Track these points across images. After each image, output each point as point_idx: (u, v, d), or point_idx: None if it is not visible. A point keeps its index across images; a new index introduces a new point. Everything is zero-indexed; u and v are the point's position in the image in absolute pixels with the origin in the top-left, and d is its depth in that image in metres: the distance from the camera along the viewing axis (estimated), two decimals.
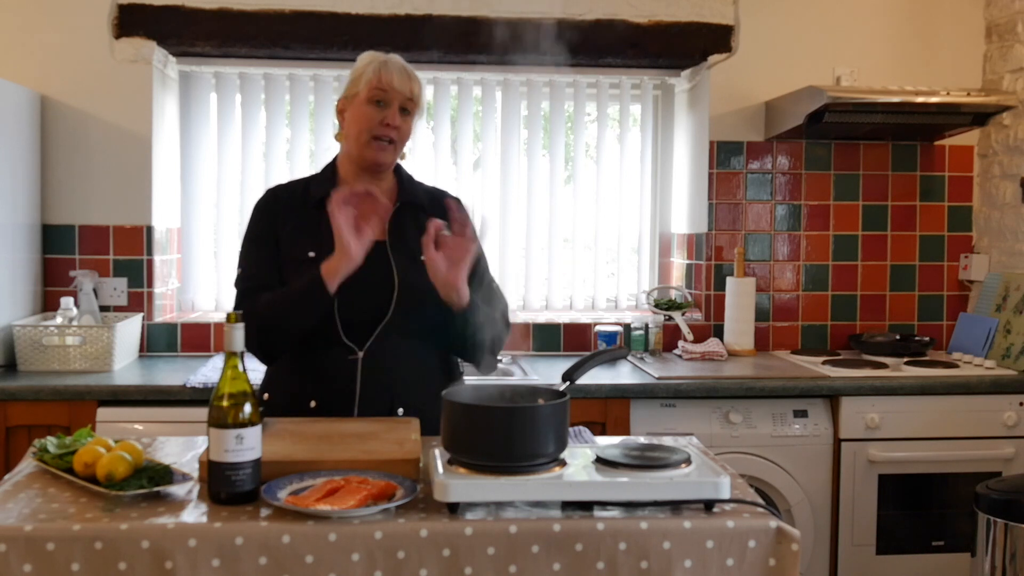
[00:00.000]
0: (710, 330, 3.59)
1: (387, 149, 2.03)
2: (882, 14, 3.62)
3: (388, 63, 2.04)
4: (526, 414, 1.55)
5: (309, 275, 1.91)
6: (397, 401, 2.00)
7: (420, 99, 2.07)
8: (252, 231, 2.11)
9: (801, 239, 3.65)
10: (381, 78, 2.01)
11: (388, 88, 2.01)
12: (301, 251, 2.01)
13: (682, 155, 3.83)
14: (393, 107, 2.02)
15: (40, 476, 1.66)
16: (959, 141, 3.67)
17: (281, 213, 2.08)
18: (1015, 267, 3.45)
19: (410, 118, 2.06)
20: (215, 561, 1.39)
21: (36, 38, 3.31)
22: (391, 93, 2.01)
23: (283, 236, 2.05)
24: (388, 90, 2.01)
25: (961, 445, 3.04)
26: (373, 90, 2.01)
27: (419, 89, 2.06)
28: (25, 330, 3.01)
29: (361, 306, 1.98)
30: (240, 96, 3.64)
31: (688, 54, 3.56)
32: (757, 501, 1.56)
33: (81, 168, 3.34)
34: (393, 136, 2.02)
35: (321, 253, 1.97)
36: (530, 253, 3.80)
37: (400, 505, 1.48)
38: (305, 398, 2.01)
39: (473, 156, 3.82)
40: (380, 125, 2.01)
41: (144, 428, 2.76)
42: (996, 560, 2.56)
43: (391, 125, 2.01)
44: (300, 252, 2.01)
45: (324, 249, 1.97)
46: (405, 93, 2.02)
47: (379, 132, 2.01)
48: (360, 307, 1.97)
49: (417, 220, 2.07)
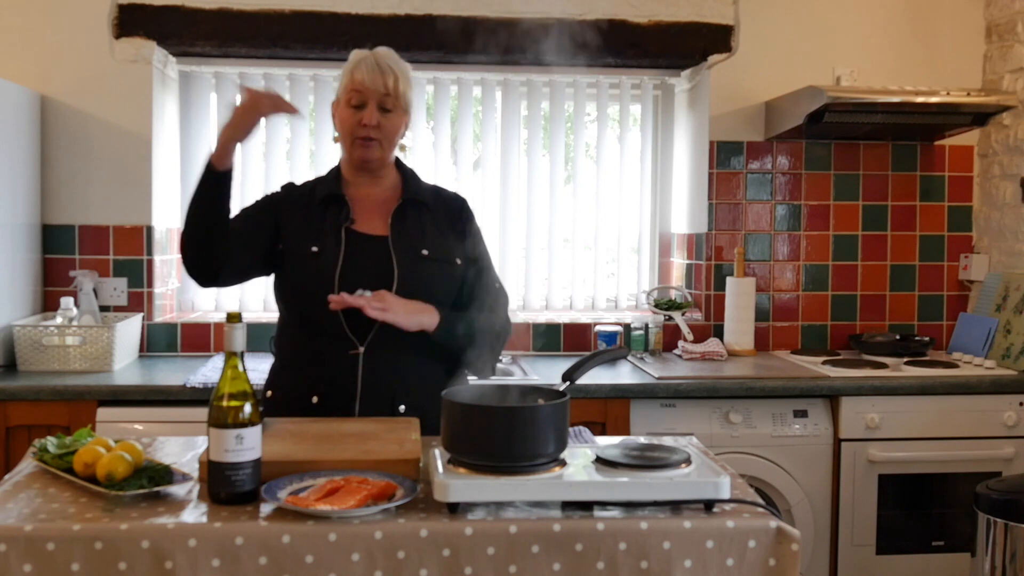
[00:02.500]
0: (710, 330, 3.59)
1: (371, 147, 2.06)
2: (882, 14, 3.62)
3: (362, 63, 2.06)
4: (526, 414, 1.55)
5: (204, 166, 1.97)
6: (398, 398, 2.01)
7: (401, 92, 2.07)
8: (248, 208, 2.14)
9: (801, 239, 3.65)
10: (354, 79, 2.05)
11: (361, 88, 2.04)
12: (304, 246, 2.05)
13: (682, 155, 3.83)
14: (369, 106, 2.04)
15: (40, 476, 1.66)
16: (959, 141, 3.67)
17: (288, 207, 2.12)
18: (1015, 267, 3.45)
19: (392, 114, 2.07)
20: (215, 561, 1.39)
21: (36, 38, 3.31)
22: (365, 93, 2.04)
23: (287, 230, 2.08)
24: (361, 90, 2.04)
25: (961, 445, 3.04)
26: (348, 92, 2.06)
27: (396, 82, 2.05)
28: (25, 330, 3.01)
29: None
30: (240, 96, 3.63)
31: (688, 54, 3.56)
32: (757, 501, 1.56)
33: (81, 168, 3.34)
34: (373, 135, 2.05)
35: (323, 249, 2.02)
36: (530, 253, 3.79)
37: (400, 505, 1.49)
38: (307, 394, 2.02)
39: (473, 156, 3.82)
40: (359, 126, 2.04)
41: (144, 428, 2.76)
42: (996, 560, 2.56)
43: (368, 124, 2.04)
44: (304, 247, 2.05)
45: (326, 245, 2.03)
46: (380, 90, 2.04)
47: (358, 133, 2.05)
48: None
49: (420, 216, 2.11)
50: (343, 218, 2.07)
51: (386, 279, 2.01)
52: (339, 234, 2.04)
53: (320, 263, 2.02)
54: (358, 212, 2.09)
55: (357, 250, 2.04)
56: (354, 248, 2.04)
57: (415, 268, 2.04)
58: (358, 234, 2.06)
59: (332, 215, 2.08)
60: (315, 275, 2.01)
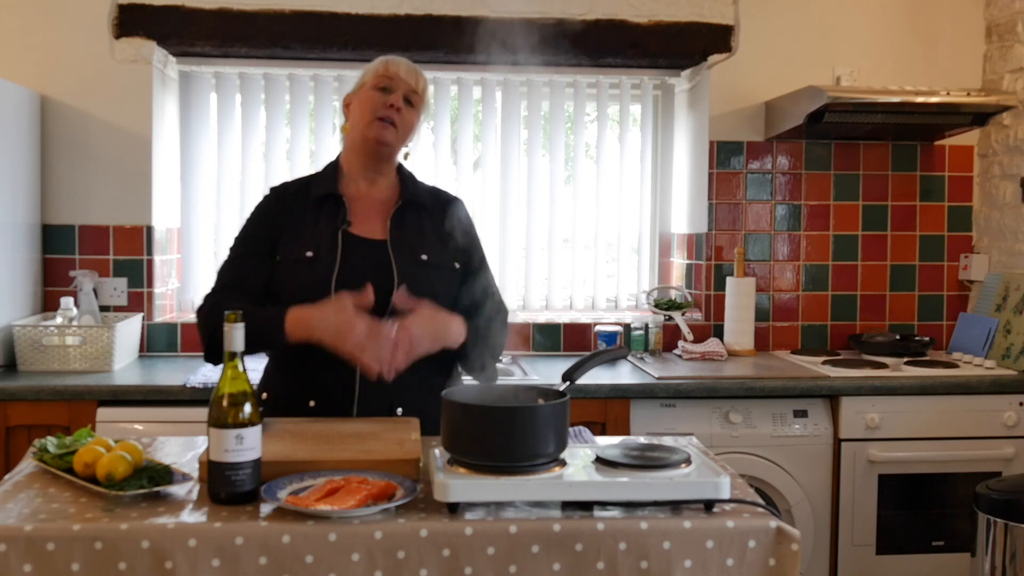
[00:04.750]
0: (710, 330, 3.59)
1: (390, 130, 2.07)
2: (882, 14, 3.62)
3: (396, 59, 2.13)
4: (526, 414, 1.55)
5: (276, 312, 1.92)
6: (396, 401, 2.00)
7: (425, 95, 2.14)
8: (247, 230, 2.12)
9: (801, 239, 3.65)
10: (388, 68, 2.10)
11: (394, 76, 2.09)
12: (299, 251, 2.02)
13: (682, 155, 3.83)
14: (398, 93, 2.08)
15: (40, 476, 1.66)
16: (959, 141, 3.67)
17: (281, 215, 2.09)
18: (1015, 267, 3.45)
19: (414, 111, 2.11)
20: (215, 561, 1.39)
21: (36, 38, 3.31)
22: (396, 81, 2.09)
23: (282, 237, 2.05)
24: (394, 78, 2.09)
25: (961, 445, 3.04)
26: (380, 78, 2.10)
27: (424, 86, 2.13)
28: (25, 330, 3.01)
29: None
30: (240, 96, 3.64)
31: (688, 54, 3.56)
32: (757, 501, 1.56)
33: (81, 168, 3.34)
34: (395, 119, 2.06)
35: (319, 253, 2.00)
36: (530, 253, 3.79)
37: (400, 505, 1.48)
38: (304, 397, 2.01)
39: (473, 156, 3.82)
40: (384, 107, 2.06)
41: (144, 428, 2.76)
42: (996, 560, 2.56)
43: (395, 107, 2.06)
44: (298, 252, 2.02)
45: (322, 250, 2.00)
46: (411, 84, 2.10)
47: (383, 113, 2.06)
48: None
49: (419, 219, 2.11)
50: (340, 220, 2.04)
51: (385, 285, 1.98)
52: (335, 238, 2.02)
53: (316, 269, 1.99)
54: (355, 213, 2.07)
55: (354, 254, 2.01)
56: (351, 252, 2.01)
57: (415, 274, 2.01)
58: (355, 238, 2.04)
59: (328, 216, 2.05)
60: (310, 281, 1.98)
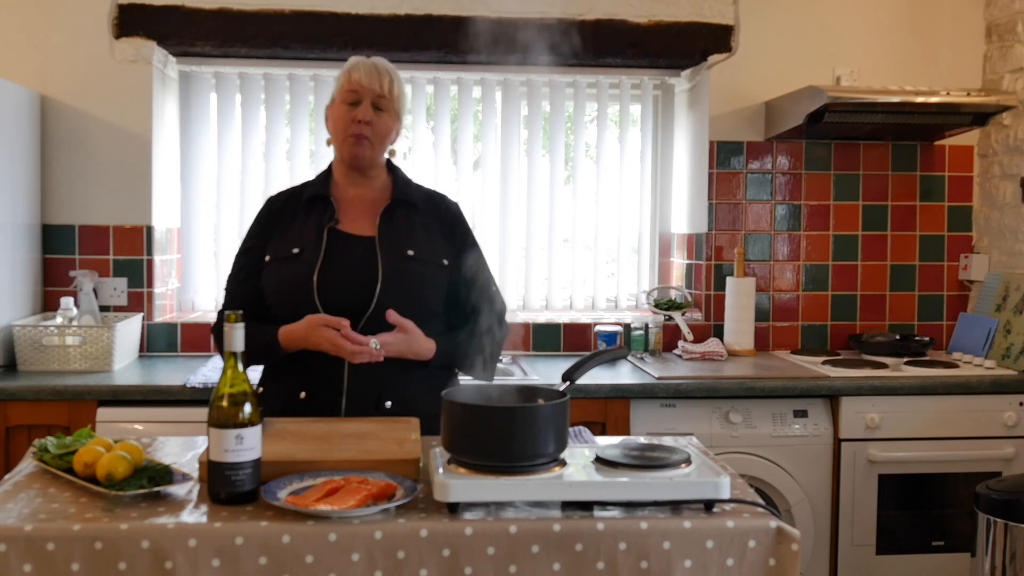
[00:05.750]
0: (710, 330, 3.59)
1: (363, 144, 2.09)
2: (882, 14, 3.62)
3: (359, 65, 2.12)
4: (526, 414, 1.55)
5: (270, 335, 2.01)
6: (384, 393, 2.02)
7: (395, 95, 2.13)
8: (246, 242, 2.18)
9: (801, 239, 3.64)
10: (350, 78, 2.10)
11: (357, 87, 2.09)
12: (286, 248, 2.08)
13: (682, 155, 3.83)
14: (364, 104, 2.09)
15: (40, 476, 1.66)
16: (959, 141, 3.67)
17: (273, 223, 2.15)
18: (1015, 267, 3.45)
19: (385, 115, 2.11)
20: (215, 561, 1.39)
21: (36, 38, 3.31)
22: (360, 92, 2.09)
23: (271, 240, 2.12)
24: (357, 89, 2.09)
25: (961, 445, 3.04)
26: (344, 92, 2.11)
27: (391, 85, 2.11)
28: (25, 330, 3.00)
29: (344, 299, 2.01)
30: (240, 96, 3.64)
31: (688, 54, 3.56)
32: (757, 501, 1.56)
33: (81, 168, 3.34)
34: (365, 132, 2.08)
35: (304, 249, 2.05)
36: (530, 253, 3.79)
37: (400, 505, 1.48)
38: (295, 389, 2.04)
39: (473, 156, 3.82)
40: (353, 123, 2.08)
41: (144, 428, 2.76)
42: (996, 560, 2.56)
43: (361, 121, 2.07)
44: (284, 249, 2.08)
45: (307, 247, 2.06)
46: (375, 90, 2.09)
47: (352, 130, 2.08)
48: (343, 300, 2.01)
49: (409, 217, 2.13)
50: (327, 219, 2.09)
51: (370, 279, 2.02)
52: (321, 235, 2.07)
53: (300, 264, 2.04)
54: (346, 213, 2.12)
55: (340, 250, 2.06)
56: (337, 248, 2.06)
57: (400, 268, 2.05)
58: (343, 234, 2.09)
59: (317, 216, 2.10)
60: (294, 276, 2.03)
